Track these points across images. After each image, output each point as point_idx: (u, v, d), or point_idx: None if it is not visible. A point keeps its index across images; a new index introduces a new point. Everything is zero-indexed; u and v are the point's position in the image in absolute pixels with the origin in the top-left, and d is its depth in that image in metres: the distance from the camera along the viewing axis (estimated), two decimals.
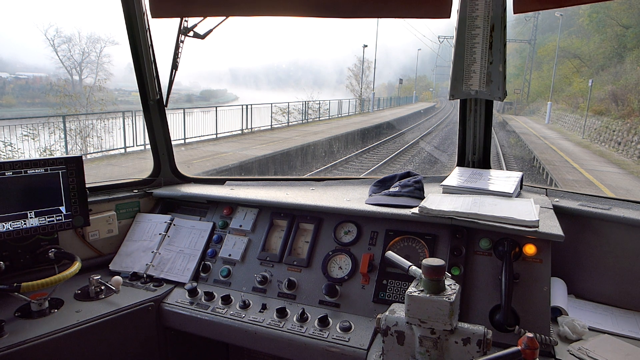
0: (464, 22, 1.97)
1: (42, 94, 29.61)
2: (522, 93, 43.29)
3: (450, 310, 1.19)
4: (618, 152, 18.55)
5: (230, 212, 2.21)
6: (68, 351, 1.67)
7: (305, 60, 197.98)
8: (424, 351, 1.25)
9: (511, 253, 1.58)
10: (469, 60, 2.00)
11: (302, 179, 2.55)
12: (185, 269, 2.07)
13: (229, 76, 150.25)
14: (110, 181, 2.39)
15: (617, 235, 1.80)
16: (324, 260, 1.89)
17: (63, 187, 1.93)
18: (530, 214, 1.62)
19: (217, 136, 16.27)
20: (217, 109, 16.63)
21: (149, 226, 2.30)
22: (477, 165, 2.27)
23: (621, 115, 20.98)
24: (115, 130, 13.37)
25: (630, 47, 28.51)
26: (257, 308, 1.82)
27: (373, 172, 13.63)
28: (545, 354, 1.43)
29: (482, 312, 1.56)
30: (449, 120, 32.46)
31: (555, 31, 41.63)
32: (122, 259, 2.20)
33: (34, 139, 12.01)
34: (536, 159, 16.47)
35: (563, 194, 2.08)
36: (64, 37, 32.18)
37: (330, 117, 26.37)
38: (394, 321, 1.30)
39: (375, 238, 1.87)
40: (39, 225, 1.89)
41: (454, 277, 1.63)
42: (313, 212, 2.02)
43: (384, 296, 1.72)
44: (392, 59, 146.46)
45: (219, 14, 2.13)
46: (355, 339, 1.60)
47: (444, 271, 1.23)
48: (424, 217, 1.73)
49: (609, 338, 1.52)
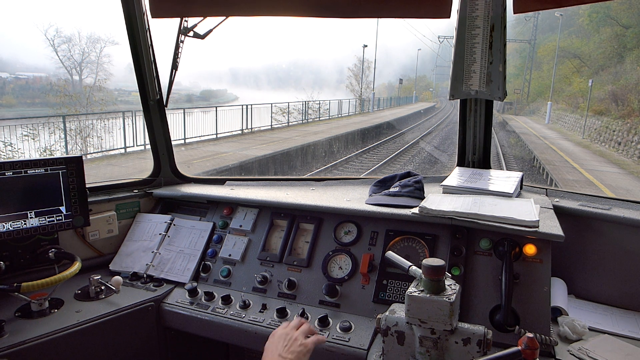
0: (464, 22, 1.97)
1: (42, 94, 29.60)
2: (522, 93, 43.29)
3: (450, 310, 1.19)
4: (618, 152, 18.55)
5: (230, 212, 2.21)
6: (68, 351, 1.67)
7: (306, 60, 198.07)
8: (424, 351, 1.25)
9: (511, 253, 1.58)
10: (469, 60, 2.00)
11: (302, 179, 2.55)
12: (186, 269, 2.07)
13: (229, 76, 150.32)
14: (111, 181, 2.39)
15: (617, 235, 1.80)
16: (324, 260, 1.89)
17: (63, 187, 1.93)
18: (531, 214, 1.62)
19: (217, 136, 16.27)
20: (217, 109, 16.63)
21: (149, 226, 2.30)
22: (477, 166, 2.27)
23: (621, 115, 20.98)
24: (115, 130, 13.37)
25: (630, 47, 28.51)
26: (257, 308, 1.82)
27: (373, 172, 13.63)
28: (545, 354, 1.43)
29: (482, 312, 1.56)
30: (449, 120, 32.46)
31: (555, 31, 41.64)
32: (122, 259, 2.20)
33: (34, 139, 12.01)
34: (536, 159, 16.47)
35: (563, 194, 2.08)
36: (64, 37, 32.20)
37: (330, 117, 26.37)
38: (394, 321, 1.30)
39: (375, 238, 1.87)
40: (39, 225, 1.89)
41: (454, 277, 1.63)
42: (313, 212, 2.02)
43: (384, 296, 1.72)
44: (392, 59, 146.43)
45: (219, 14, 2.13)
46: (355, 339, 1.60)
47: (444, 271, 1.23)
48: (424, 217, 1.73)
49: (609, 338, 1.52)
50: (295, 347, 1.34)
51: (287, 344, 1.35)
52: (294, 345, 1.34)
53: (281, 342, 1.36)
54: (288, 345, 1.35)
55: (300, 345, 1.35)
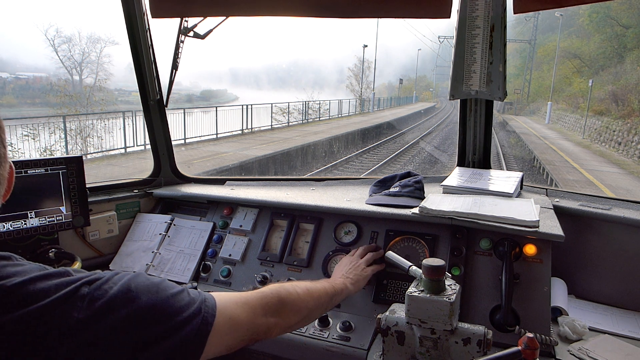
0: (464, 22, 1.97)
1: (42, 94, 29.66)
2: (522, 93, 43.31)
3: (450, 310, 1.19)
4: (618, 152, 18.56)
5: (230, 212, 2.21)
6: None
7: (306, 60, 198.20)
8: (424, 351, 1.25)
9: (511, 253, 1.58)
10: (469, 60, 2.00)
11: (302, 179, 2.55)
12: (186, 269, 2.07)
13: (229, 76, 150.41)
14: (111, 181, 2.38)
15: (618, 235, 1.79)
16: (324, 260, 1.89)
17: (63, 187, 1.93)
18: (531, 214, 1.62)
19: (217, 136, 16.28)
20: (217, 109, 16.65)
21: (149, 226, 2.30)
22: (477, 166, 2.27)
23: (621, 116, 20.98)
24: (116, 130, 13.39)
25: (630, 47, 28.53)
26: None
27: (373, 172, 13.64)
28: (545, 354, 1.42)
29: (482, 312, 1.56)
30: (449, 120, 32.47)
31: (555, 31, 41.65)
32: (122, 259, 2.20)
33: (34, 139, 12.03)
34: (536, 159, 16.47)
35: (563, 194, 2.08)
36: (64, 37, 32.25)
37: (330, 117, 26.38)
38: (394, 321, 1.30)
39: (375, 238, 1.87)
40: (39, 225, 1.89)
41: (454, 277, 1.63)
42: (313, 212, 2.02)
43: (384, 296, 1.72)
44: (392, 59, 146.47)
45: (219, 14, 2.13)
46: (355, 339, 1.60)
47: (444, 271, 1.23)
48: (424, 217, 1.73)
49: (609, 338, 1.52)
50: (358, 271, 1.60)
51: (350, 268, 1.61)
52: (357, 270, 1.60)
53: (347, 266, 1.63)
54: (352, 269, 1.61)
55: (362, 271, 1.61)
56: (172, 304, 0.85)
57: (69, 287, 0.78)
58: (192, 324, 0.86)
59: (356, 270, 1.60)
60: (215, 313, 0.91)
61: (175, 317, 0.84)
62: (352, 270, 1.59)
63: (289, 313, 1.13)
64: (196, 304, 0.89)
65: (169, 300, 0.85)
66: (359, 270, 1.60)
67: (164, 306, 0.84)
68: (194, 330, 0.85)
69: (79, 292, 0.78)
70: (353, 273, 1.57)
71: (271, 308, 1.07)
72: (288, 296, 1.14)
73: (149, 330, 0.80)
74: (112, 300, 0.79)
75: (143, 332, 0.80)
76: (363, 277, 1.59)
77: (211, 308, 0.91)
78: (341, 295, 1.42)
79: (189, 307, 0.87)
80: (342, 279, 1.52)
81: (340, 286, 1.42)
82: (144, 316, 0.81)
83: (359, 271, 1.59)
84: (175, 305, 0.85)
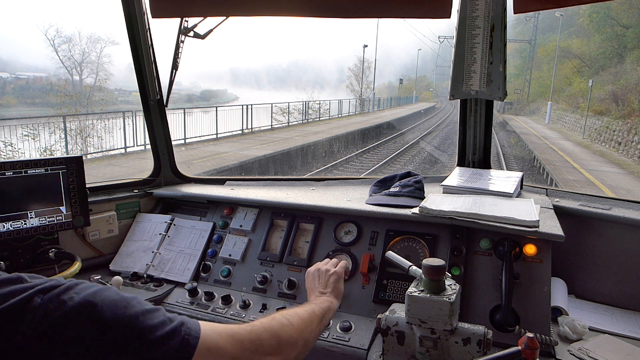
0: (464, 22, 1.97)
1: (42, 94, 29.66)
2: (522, 93, 43.31)
3: (450, 310, 1.19)
4: (618, 152, 18.55)
5: (230, 212, 2.21)
6: None
7: (306, 60, 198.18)
8: (424, 351, 1.25)
9: (511, 253, 1.58)
10: (469, 60, 2.00)
11: (302, 179, 2.55)
12: (186, 269, 2.07)
13: (229, 76, 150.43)
14: (111, 181, 2.39)
15: (618, 235, 1.79)
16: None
17: (63, 187, 1.93)
18: (531, 214, 1.62)
19: (217, 136, 16.27)
20: (218, 109, 16.64)
21: (149, 226, 2.30)
22: (478, 165, 2.27)
23: (621, 116, 20.98)
24: (116, 130, 13.38)
25: (630, 47, 28.51)
26: (258, 308, 1.82)
27: (373, 172, 13.64)
28: (545, 354, 1.43)
29: (483, 312, 1.56)
30: (449, 120, 32.46)
31: (555, 31, 41.63)
32: (122, 259, 2.20)
33: (34, 139, 12.02)
34: (536, 159, 16.47)
35: (563, 194, 2.08)
36: (64, 37, 32.23)
37: (330, 117, 26.38)
38: (394, 321, 1.30)
39: (375, 238, 1.87)
40: (39, 225, 1.89)
41: (454, 277, 1.63)
42: (313, 212, 2.02)
43: (384, 296, 1.72)
44: (392, 59, 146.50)
45: (219, 14, 2.13)
46: (355, 339, 1.60)
47: (444, 271, 1.23)
48: (424, 217, 1.73)
49: (609, 338, 1.52)
50: (331, 280, 1.48)
51: (321, 279, 1.49)
52: (329, 279, 1.48)
53: (316, 280, 1.50)
54: (323, 280, 1.48)
55: (332, 275, 1.49)
56: (142, 321, 0.76)
57: (19, 296, 0.69)
58: (168, 345, 0.77)
59: (328, 279, 1.48)
60: (198, 336, 0.82)
61: (146, 336, 0.75)
62: (324, 282, 1.48)
63: (286, 346, 1.03)
64: (172, 324, 0.80)
65: (138, 317, 0.76)
66: (328, 277, 1.49)
67: (132, 323, 0.75)
68: (173, 351, 0.77)
69: (30, 303, 0.69)
70: (328, 285, 1.46)
71: (266, 347, 0.97)
72: (282, 328, 1.04)
73: (113, 348, 0.72)
74: (69, 314, 0.70)
75: (105, 351, 0.71)
76: (338, 283, 1.49)
77: (194, 331, 0.82)
78: (329, 313, 1.34)
79: (163, 326, 0.78)
80: (323, 297, 1.41)
81: (325, 304, 1.34)
82: (107, 333, 0.72)
83: (332, 280, 1.48)
84: (145, 322, 0.76)
